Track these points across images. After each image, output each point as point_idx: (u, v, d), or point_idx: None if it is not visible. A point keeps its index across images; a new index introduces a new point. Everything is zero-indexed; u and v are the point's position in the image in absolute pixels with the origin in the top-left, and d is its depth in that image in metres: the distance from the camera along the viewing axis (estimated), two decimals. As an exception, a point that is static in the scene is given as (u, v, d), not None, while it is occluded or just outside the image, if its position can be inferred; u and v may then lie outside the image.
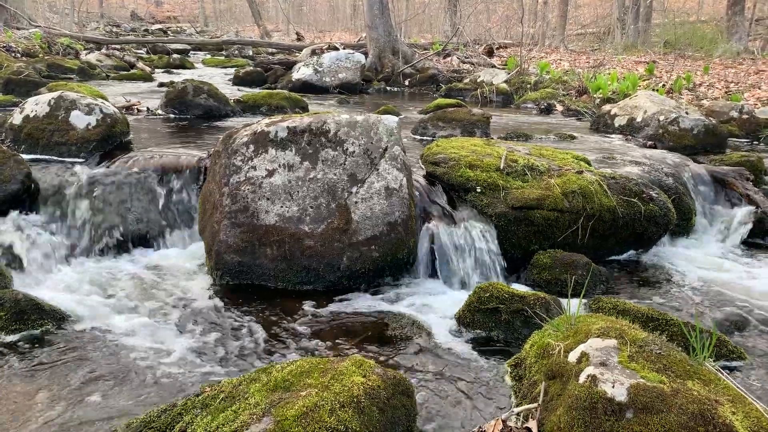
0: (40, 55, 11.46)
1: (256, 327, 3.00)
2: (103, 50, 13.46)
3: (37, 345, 2.73)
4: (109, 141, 4.41)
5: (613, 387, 1.87)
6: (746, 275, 3.84)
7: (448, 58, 14.31)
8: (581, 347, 2.10)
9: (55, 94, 4.43)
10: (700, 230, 4.54)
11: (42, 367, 2.56)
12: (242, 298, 3.30)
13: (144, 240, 3.87)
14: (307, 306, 3.23)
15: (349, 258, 3.37)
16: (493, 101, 9.81)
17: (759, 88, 9.71)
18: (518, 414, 2.09)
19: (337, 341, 2.89)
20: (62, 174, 3.86)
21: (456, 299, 3.26)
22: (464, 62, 13.86)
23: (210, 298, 3.30)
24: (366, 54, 12.12)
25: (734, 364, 2.72)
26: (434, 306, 3.29)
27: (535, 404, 2.09)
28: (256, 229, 3.37)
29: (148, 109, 6.49)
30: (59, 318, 2.91)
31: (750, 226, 4.44)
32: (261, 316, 3.11)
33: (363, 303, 3.30)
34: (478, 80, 10.91)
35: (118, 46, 14.55)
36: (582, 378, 1.95)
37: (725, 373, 2.06)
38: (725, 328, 3.09)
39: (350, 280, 3.41)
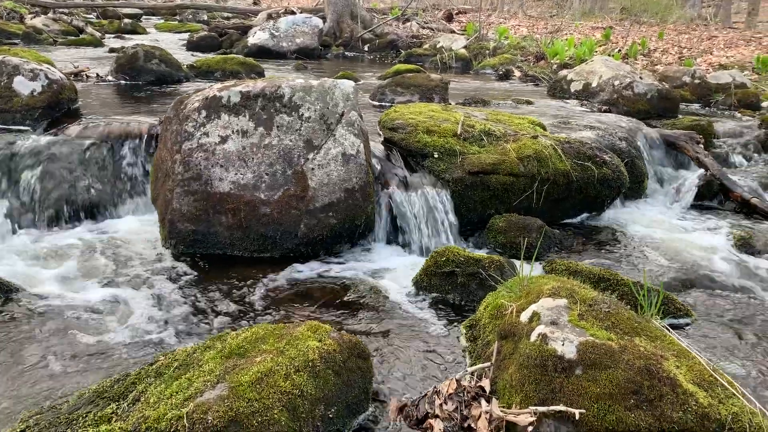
0: (-18, 19, 10.92)
1: (212, 296, 2.97)
2: (50, 14, 12.89)
3: (-17, 318, 2.65)
4: (56, 108, 4.26)
5: (563, 345, 1.91)
6: (694, 236, 3.96)
7: (408, 24, 14.14)
8: (533, 307, 2.13)
9: (-4, 59, 4.24)
10: (652, 193, 4.65)
11: (-11, 340, 2.50)
12: (198, 267, 3.25)
13: (95, 209, 3.77)
14: (265, 274, 3.20)
15: (306, 225, 3.35)
16: (453, 67, 9.78)
17: (711, 54, 9.89)
18: (472, 373, 2.12)
19: (294, 308, 2.89)
20: (6, 142, 3.71)
21: (413, 264, 3.29)
22: (424, 28, 13.74)
23: (164, 267, 3.25)
24: (324, 18, 11.90)
25: (681, 321, 2.82)
26: (392, 271, 3.31)
27: (488, 363, 2.13)
28: (210, 196, 3.31)
29: (97, 75, 6.28)
30: (6, 290, 2.83)
31: (699, 188, 4.55)
32: (217, 285, 3.08)
33: (321, 269, 3.30)
34: (438, 46, 10.84)
35: (66, 10, 13.92)
36: (533, 337, 1.98)
37: (671, 330, 2.13)
38: (673, 287, 3.19)
39: (308, 247, 3.39)
